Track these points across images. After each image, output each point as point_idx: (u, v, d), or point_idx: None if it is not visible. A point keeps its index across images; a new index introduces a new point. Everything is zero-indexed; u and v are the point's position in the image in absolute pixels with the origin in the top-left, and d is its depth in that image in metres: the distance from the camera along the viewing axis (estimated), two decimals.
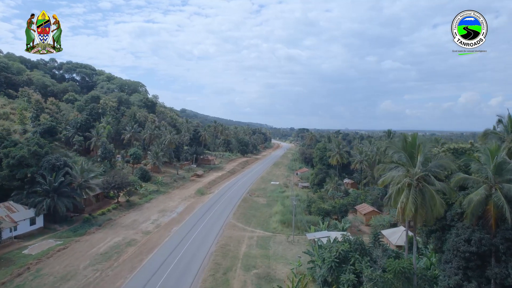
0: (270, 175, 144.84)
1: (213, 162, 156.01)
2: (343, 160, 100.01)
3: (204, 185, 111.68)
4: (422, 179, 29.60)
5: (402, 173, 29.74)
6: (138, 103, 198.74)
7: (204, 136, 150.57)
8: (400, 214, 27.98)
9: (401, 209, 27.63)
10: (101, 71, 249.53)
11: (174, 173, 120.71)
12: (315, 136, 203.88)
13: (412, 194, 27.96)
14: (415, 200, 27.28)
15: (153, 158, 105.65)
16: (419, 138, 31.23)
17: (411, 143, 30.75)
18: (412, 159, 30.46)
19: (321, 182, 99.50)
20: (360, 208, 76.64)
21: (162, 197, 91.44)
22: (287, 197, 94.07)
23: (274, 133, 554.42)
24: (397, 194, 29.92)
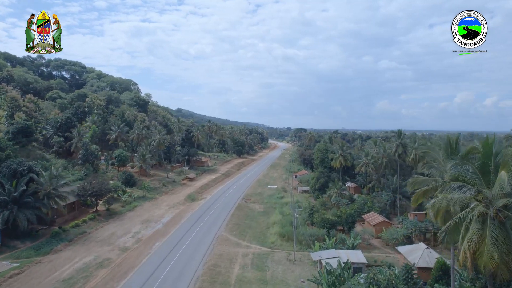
0: (267, 177, 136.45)
1: (207, 163, 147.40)
2: (347, 162, 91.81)
3: (195, 189, 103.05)
4: (504, 208, 20.80)
5: (468, 195, 20.72)
6: (129, 102, 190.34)
7: (197, 136, 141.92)
8: (468, 260, 19.01)
9: (470, 252, 18.76)
10: (91, 69, 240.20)
11: (163, 177, 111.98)
12: (314, 136, 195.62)
13: (490, 230, 19.11)
14: (494, 241, 18.45)
15: (139, 161, 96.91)
16: (496, 144, 21.83)
17: (485, 150, 21.71)
18: (484, 175, 21.49)
19: (323, 187, 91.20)
20: (369, 217, 68.39)
21: (148, 204, 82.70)
22: (286, 204, 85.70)
23: (271, 133, 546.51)
24: (456, 227, 20.56)
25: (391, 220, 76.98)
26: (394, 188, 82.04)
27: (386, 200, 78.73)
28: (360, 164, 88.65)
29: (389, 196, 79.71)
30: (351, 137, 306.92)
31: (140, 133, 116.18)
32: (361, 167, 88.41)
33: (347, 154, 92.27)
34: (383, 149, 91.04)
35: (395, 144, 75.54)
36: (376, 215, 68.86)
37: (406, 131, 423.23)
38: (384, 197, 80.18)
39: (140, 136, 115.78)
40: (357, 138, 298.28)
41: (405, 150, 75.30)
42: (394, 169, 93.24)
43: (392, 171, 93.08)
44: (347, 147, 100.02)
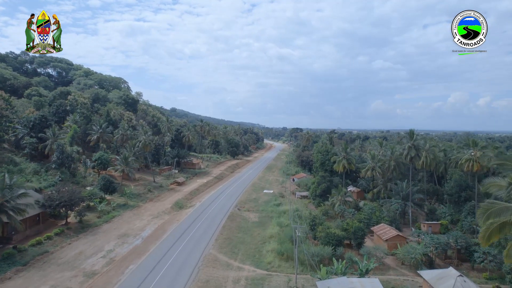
0: (263, 181, 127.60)
1: (199, 166, 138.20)
2: (351, 166, 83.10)
3: (184, 195, 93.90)
4: None
5: None
6: (117, 100, 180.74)
7: (187, 137, 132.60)
8: None
9: None
10: (78, 66, 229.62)
11: (150, 181, 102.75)
12: (311, 137, 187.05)
13: None
14: None
15: (121, 164, 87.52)
16: None
17: None
18: None
19: (324, 193, 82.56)
20: (379, 230, 59.77)
21: (129, 213, 73.45)
22: (283, 213, 76.94)
23: (267, 133, 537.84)
24: None
25: (402, 230, 68.57)
26: (405, 195, 73.57)
27: (396, 208, 70.21)
28: (366, 168, 79.91)
29: (400, 204, 71.18)
30: (348, 137, 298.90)
31: (124, 134, 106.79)
32: (366, 171, 79.74)
33: (351, 157, 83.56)
34: (390, 151, 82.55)
35: (407, 146, 67.02)
36: (387, 227, 60.25)
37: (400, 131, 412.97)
38: (393, 205, 71.69)
39: (124, 137, 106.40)
40: (355, 138, 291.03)
41: (418, 153, 66.83)
42: (402, 173, 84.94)
43: (400, 176, 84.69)
44: (351, 149, 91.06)
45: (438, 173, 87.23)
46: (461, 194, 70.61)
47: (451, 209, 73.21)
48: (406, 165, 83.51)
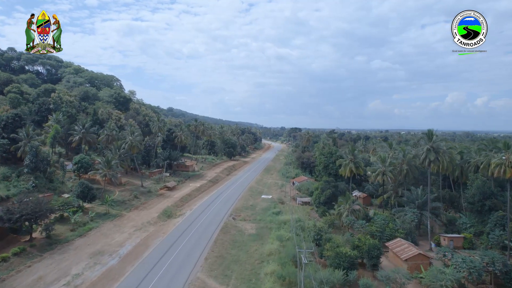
0: (261, 184, 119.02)
1: (192, 168, 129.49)
2: (359, 170, 74.53)
3: (174, 202, 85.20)
4: None
5: None
6: (107, 99, 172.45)
7: (180, 137, 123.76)
8: None
9: None
10: (68, 63, 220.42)
11: (137, 186, 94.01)
12: (311, 137, 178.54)
13: None
14: None
15: (104, 168, 78.71)
16: None
17: None
18: None
19: (329, 200, 74.09)
20: (396, 247, 51.29)
21: (109, 225, 64.73)
22: (284, 223, 68.39)
23: (265, 133, 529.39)
24: None
25: (418, 244, 60.21)
26: (421, 203, 65.13)
27: (412, 219, 61.73)
28: (376, 173, 71.38)
29: (415, 215, 62.72)
30: (348, 137, 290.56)
31: (110, 134, 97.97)
32: (376, 176, 71.26)
33: (359, 161, 74.88)
34: (402, 153, 74.12)
35: (425, 149, 58.53)
36: (404, 243, 51.78)
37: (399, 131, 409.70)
38: (408, 216, 63.19)
39: (110, 137, 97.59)
40: (356, 138, 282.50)
41: (437, 156, 58.38)
42: (415, 178, 76.50)
43: (414, 181, 76.30)
44: (359, 151, 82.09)
45: (454, 177, 78.88)
46: (485, 202, 62.22)
47: (473, 219, 64.87)
48: (420, 169, 75.19)
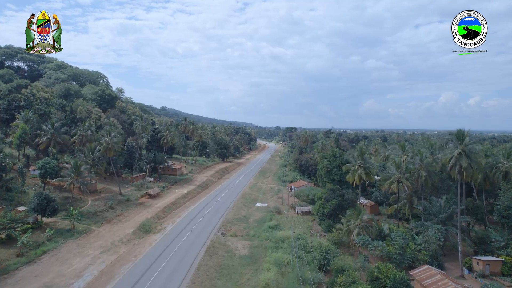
0: (255, 190, 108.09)
1: (181, 171, 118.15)
2: (370, 177, 63.72)
3: (155, 213, 74.01)
4: None
5: None
6: (91, 96, 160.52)
7: (166, 137, 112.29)
8: None
9: None
10: (51, 59, 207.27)
11: (115, 193, 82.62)
12: (310, 137, 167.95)
13: None
14: None
15: (71, 174, 67.20)
16: None
17: None
18: None
19: (335, 212, 63.35)
20: (425, 278, 40.52)
21: (71, 245, 53.39)
22: (283, 241, 57.60)
23: (260, 133, 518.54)
24: None
25: (445, 269, 49.78)
26: (445, 217, 54.54)
27: (437, 238, 51.10)
28: (390, 180, 60.69)
29: (441, 232, 52.11)
30: (346, 137, 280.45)
31: (84, 135, 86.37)
32: (390, 184, 60.59)
33: (370, 166, 64.00)
34: (419, 157, 63.56)
35: (455, 153, 47.83)
36: (437, 273, 41.06)
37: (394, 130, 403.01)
38: (431, 232, 52.57)
39: (84, 138, 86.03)
40: (354, 138, 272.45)
41: (470, 162, 47.78)
42: (434, 186, 65.99)
43: (434, 190, 65.78)
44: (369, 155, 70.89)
45: (476, 184, 68.49)
46: None
47: (506, 236, 54.53)
48: (439, 175, 64.70)
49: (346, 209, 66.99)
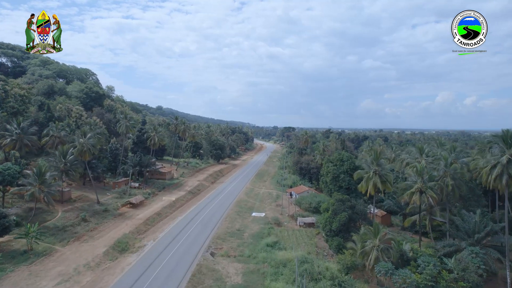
0: (251, 196, 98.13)
1: (170, 175, 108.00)
2: (387, 186, 53.62)
3: (135, 226, 63.92)
4: None
5: None
6: (76, 94, 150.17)
7: (153, 138, 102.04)
8: None
9: None
10: (36, 55, 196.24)
11: (93, 202, 72.46)
12: (310, 137, 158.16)
13: None
14: None
15: (34, 183, 56.92)
16: None
17: None
18: None
19: (345, 227, 53.47)
20: None
21: (22, 273, 43.19)
22: (284, 265, 47.67)
23: (257, 132, 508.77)
24: None
25: None
26: (482, 237, 44.74)
27: (477, 264, 41.26)
28: (411, 190, 50.83)
29: (479, 257, 42.25)
30: (346, 137, 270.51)
31: (57, 136, 76.14)
32: (411, 195, 50.72)
33: (387, 173, 53.63)
34: (444, 162, 53.79)
35: (504, 160, 38.07)
36: None
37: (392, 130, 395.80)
38: (466, 256, 42.71)
39: (56, 140, 75.79)
40: (354, 138, 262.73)
41: None
42: (462, 196, 56.19)
43: (458, 199, 55.96)
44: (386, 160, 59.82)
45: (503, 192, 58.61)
46: None
47: None
48: (468, 184, 54.94)
49: (356, 222, 57.25)
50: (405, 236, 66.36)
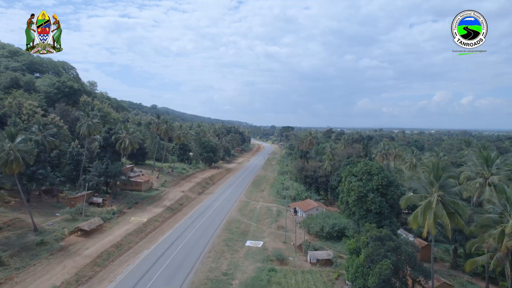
0: (246, 213, 78.53)
1: (148, 185, 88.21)
2: (458, 222, 32.71)
3: (78, 269, 44.30)
4: None
5: None
6: (46, 89, 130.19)
7: (123, 141, 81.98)
8: None
9: None
10: (6, 45, 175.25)
11: (28, 229, 52.71)
12: (314, 139, 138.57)
13: None
14: None
15: None
16: None
17: None
18: None
19: (387, 284, 33.94)
20: None
21: None
22: None
23: (254, 132, 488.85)
24: None
25: None
26: None
27: None
28: (499, 229, 31.47)
29: None
30: (350, 137, 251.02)
31: None
32: (500, 239, 31.39)
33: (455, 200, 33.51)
34: None
35: None
36: None
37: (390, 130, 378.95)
38: None
39: None
40: (359, 138, 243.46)
41: None
42: None
43: None
44: (450, 173, 39.13)
45: None
46: None
47: None
48: None
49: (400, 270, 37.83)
50: (461, 281, 47.31)
